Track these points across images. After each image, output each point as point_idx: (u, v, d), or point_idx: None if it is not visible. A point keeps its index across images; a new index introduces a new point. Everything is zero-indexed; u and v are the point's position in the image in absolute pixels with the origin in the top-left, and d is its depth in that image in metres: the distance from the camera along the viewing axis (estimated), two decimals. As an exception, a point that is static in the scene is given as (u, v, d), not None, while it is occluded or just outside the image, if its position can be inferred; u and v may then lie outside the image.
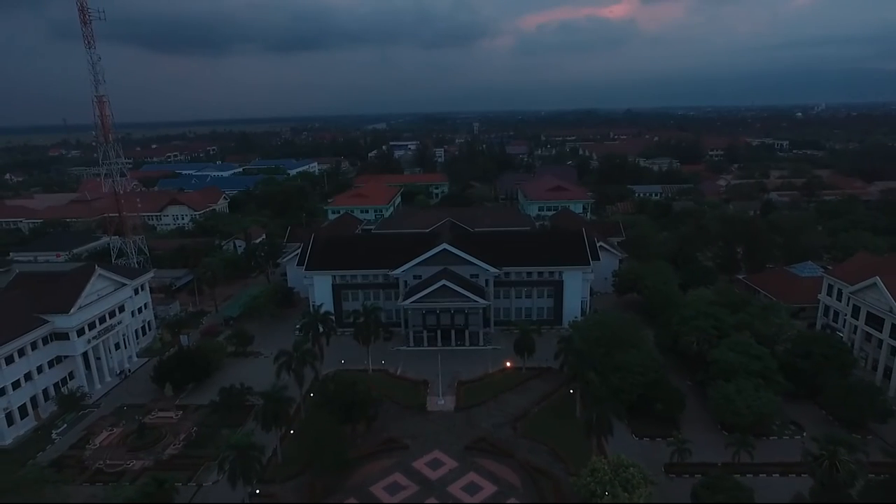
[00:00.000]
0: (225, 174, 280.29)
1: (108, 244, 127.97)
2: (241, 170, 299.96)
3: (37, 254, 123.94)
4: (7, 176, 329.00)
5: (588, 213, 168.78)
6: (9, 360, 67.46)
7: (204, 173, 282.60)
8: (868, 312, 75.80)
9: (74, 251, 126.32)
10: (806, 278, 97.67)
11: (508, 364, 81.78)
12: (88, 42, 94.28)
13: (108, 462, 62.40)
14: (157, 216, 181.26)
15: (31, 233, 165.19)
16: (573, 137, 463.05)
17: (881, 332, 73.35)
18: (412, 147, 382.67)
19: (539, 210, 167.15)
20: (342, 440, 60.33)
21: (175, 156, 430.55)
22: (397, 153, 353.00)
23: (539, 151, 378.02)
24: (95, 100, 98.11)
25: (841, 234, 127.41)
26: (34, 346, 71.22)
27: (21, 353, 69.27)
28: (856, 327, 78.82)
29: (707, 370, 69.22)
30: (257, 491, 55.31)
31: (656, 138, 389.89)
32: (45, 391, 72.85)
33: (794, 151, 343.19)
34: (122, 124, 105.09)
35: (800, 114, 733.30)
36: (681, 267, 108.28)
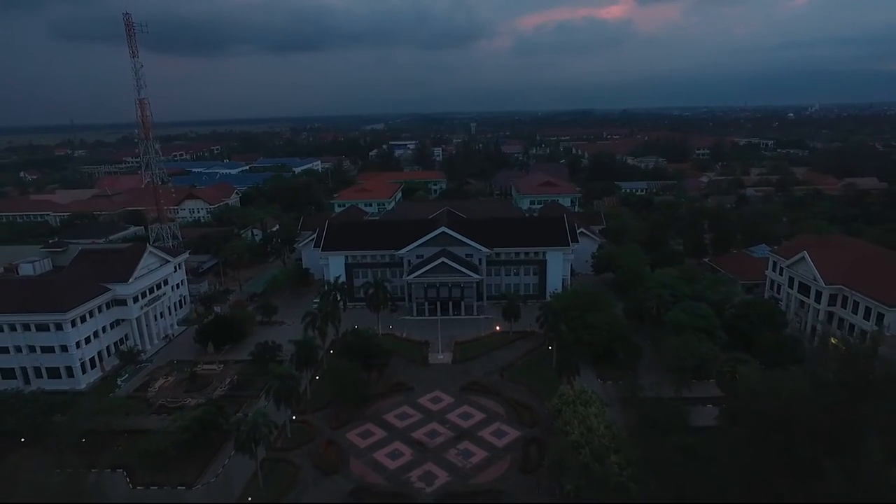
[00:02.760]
0: (233, 172, 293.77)
1: (136, 233, 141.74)
2: (248, 168, 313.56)
3: (77, 240, 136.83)
4: (21, 174, 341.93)
5: (575, 207, 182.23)
6: (82, 319, 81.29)
7: (213, 171, 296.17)
8: (799, 282, 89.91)
9: (110, 238, 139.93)
10: (759, 259, 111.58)
11: (498, 328, 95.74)
12: (133, 51, 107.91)
13: (168, 400, 76.20)
14: (174, 209, 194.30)
15: (60, 225, 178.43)
16: (567, 137, 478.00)
17: (809, 297, 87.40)
18: (411, 146, 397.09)
19: (530, 204, 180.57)
20: (361, 380, 74.02)
21: (181, 155, 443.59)
22: (397, 152, 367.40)
23: (534, 150, 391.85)
24: (137, 102, 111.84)
25: (801, 223, 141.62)
26: (99, 309, 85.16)
27: (90, 314, 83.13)
28: (791, 296, 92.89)
29: (662, 329, 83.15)
30: (293, 417, 69.13)
31: (646, 138, 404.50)
32: (107, 348, 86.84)
33: (779, 150, 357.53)
34: (123, 124, 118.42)
35: (791, 114, 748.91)
36: (652, 250, 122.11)
